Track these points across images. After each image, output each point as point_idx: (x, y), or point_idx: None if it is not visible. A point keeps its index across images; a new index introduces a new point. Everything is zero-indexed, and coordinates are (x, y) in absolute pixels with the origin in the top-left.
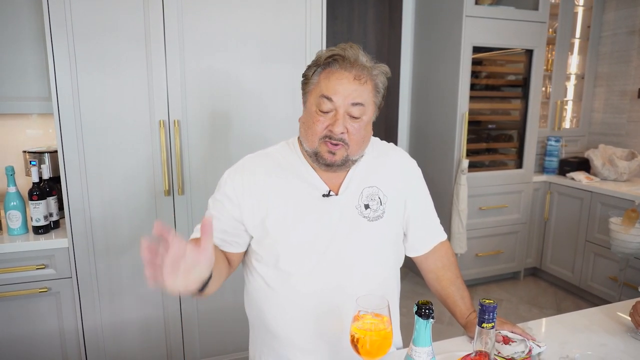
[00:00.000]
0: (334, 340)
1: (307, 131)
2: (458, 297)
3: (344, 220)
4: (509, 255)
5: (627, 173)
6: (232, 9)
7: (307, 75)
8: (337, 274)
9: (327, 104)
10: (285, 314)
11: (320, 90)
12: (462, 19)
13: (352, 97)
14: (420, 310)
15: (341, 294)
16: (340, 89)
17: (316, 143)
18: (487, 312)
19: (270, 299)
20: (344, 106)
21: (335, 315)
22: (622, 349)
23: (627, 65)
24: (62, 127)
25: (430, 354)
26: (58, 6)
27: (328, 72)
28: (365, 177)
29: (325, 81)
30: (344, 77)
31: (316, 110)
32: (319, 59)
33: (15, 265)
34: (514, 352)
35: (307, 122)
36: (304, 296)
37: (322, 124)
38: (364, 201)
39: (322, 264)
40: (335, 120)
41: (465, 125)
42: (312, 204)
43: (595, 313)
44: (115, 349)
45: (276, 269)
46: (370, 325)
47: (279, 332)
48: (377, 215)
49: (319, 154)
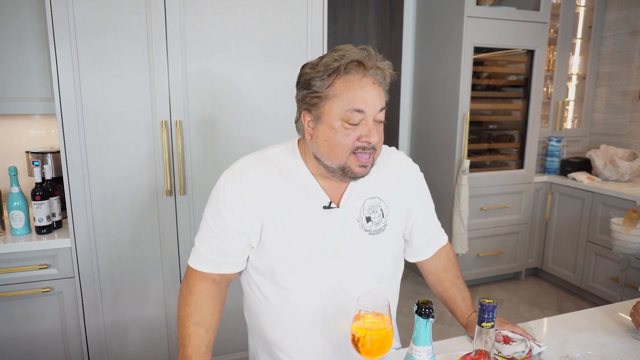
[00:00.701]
0: (334, 356)
1: (335, 147)
2: (459, 297)
3: (345, 234)
4: (510, 256)
5: (628, 173)
6: (234, 9)
7: (316, 87)
8: (336, 289)
9: (358, 116)
10: (284, 328)
11: (347, 102)
12: (463, 20)
13: (379, 103)
14: (420, 310)
15: (340, 310)
16: (368, 98)
17: (345, 157)
18: (486, 311)
19: (269, 314)
20: (373, 113)
21: (336, 331)
22: (622, 349)
23: (628, 65)
24: (64, 128)
25: (430, 352)
26: (61, 6)
27: (346, 81)
28: (366, 186)
29: (347, 92)
30: (367, 85)
31: (342, 124)
32: (330, 68)
33: (18, 265)
34: (514, 351)
35: (331, 137)
36: (303, 312)
37: (353, 137)
38: (365, 213)
39: (321, 279)
40: (369, 130)
41: (466, 126)
42: (312, 216)
43: (596, 313)
44: (118, 348)
45: (274, 283)
46: (371, 325)
47: (277, 343)
48: (379, 229)
49: (348, 169)
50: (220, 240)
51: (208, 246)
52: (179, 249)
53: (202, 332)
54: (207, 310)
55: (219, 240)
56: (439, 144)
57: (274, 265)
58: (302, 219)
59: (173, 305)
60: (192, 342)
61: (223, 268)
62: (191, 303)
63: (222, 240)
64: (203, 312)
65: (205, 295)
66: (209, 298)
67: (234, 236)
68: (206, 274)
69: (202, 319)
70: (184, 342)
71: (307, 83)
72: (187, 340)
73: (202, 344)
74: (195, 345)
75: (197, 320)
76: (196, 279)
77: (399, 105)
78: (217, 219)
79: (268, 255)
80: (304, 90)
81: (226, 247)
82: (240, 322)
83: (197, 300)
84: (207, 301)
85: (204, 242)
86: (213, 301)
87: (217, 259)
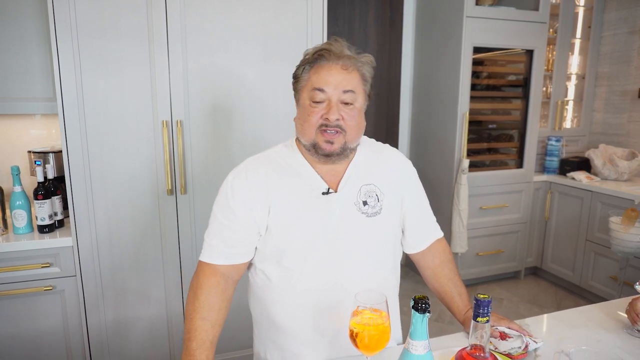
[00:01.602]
0: (335, 334)
1: (304, 125)
2: (455, 293)
3: (344, 217)
4: (509, 255)
5: (627, 173)
6: (234, 9)
7: (297, 74)
8: (338, 270)
9: (320, 95)
10: (289, 308)
11: (312, 84)
12: (462, 20)
13: (343, 85)
14: (417, 305)
15: (342, 289)
16: (330, 79)
17: (313, 134)
18: (481, 306)
19: (273, 295)
20: (336, 94)
21: (337, 310)
22: (618, 345)
23: (627, 65)
24: (66, 127)
25: (427, 347)
26: (62, 7)
27: (317, 68)
28: (362, 175)
29: (315, 76)
30: (333, 69)
31: (309, 103)
32: (306, 57)
33: (21, 263)
34: (510, 347)
35: (302, 116)
36: (307, 292)
37: (317, 115)
38: (362, 198)
39: (324, 260)
40: (329, 108)
41: (465, 125)
42: (312, 202)
43: (592, 310)
44: (119, 347)
45: (279, 267)
46: (369, 320)
47: (282, 325)
48: (375, 212)
49: (317, 145)
50: (231, 231)
51: (219, 239)
52: (180, 247)
53: (208, 327)
54: (214, 305)
55: (230, 232)
56: (438, 144)
57: (281, 249)
58: (303, 205)
59: (174, 304)
60: (197, 336)
61: (233, 259)
62: (200, 297)
63: (233, 230)
64: (211, 307)
65: (215, 290)
66: (218, 293)
67: (244, 226)
68: (217, 268)
69: (209, 314)
70: (190, 336)
71: (294, 75)
72: (193, 335)
73: (207, 339)
74: (200, 339)
75: (204, 315)
76: (207, 273)
77: (398, 105)
78: (227, 213)
79: (274, 240)
80: (293, 80)
81: (237, 237)
82: (243, 320)
83: (206, 294)
84: (216, 296)
85: (214, 236)
86: (221, 296)
87: (228, 250)
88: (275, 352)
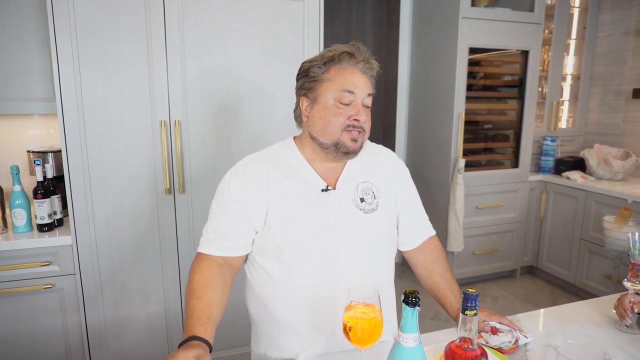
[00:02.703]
0: (332, 330)
1: (328, 124)
2: (448, 290)
3: (343, 213)
4: (505, 254)
5: (621, 172)
6: (232, 12)
7: (314, 73)
8: (337, 265)
9: (349, 97)
10: (288, 304)
11: (340, 84)
12: (458, 21)
13: (367, 89)
14: (407, 299)
15: (340, 285)
16: (358, 82)
17: (338, 133)
18: (469, 300)
19: (273, 290)
20: (362, 97)
21: (334, 306)
22: (606, 340)
23: (622, 65)
24: (65, 127)
25: (417, 339)
26: (62, 8)
27: (339, 69)
28: (359, 173)
29: (340, 77)
30: (356, 72)
31: (335, 104)
32: (326, 57)
33: (21, 262)
34: (501, 342)
35: (325, 116)
36: (306, 287)
37: (344, 115)
38: (359, 195)
39: (323, 255)
40: (357, 110)
41: (461, 125)
42: (311, 199)
43: (583, 306)
44: (118, 344)
45: (279, 262)
46: (362, 315)
47: (281, 321)
48: (372, 208)
49: (341, 144)
50: (226, 227)
51: (215, 233)
52: (178, 246)
53: (203, 305)
54: (209, 285)
55: (226, 227)
56: (434, 143)
57: (281, 245)
58: (302, 202)
59: (172, 302)
60: (194, 314)
61: (227, 251)
62: (195, 280)
63: (229, 226)
64: (205, 287)
65: (209, 273)
66: (212, 276)
67: (239, 223)
68: (212, 257)
69: (203, 294)
70: (187, 315)
71: (306, 71)
72: (190, 314)
73: (203, 315)
74: (196, 316)
75: (199, 295)
76: (203, 260)
77: (395, 105)
78: (224, 209)
79: (274, 237)
80: (303, 78)
81: (232, 232)
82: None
83: (200, 276)
84: (210, 278)
85: (212, 230)
86: (216, 278)
87: (223, 243)
88: (273, 349)
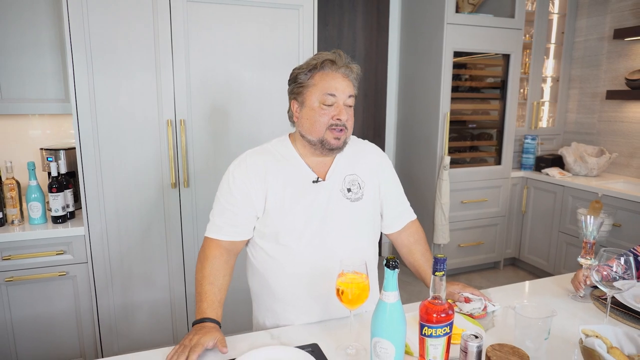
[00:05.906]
0: (326, 301)
1: (314, 124)
2: (427, 267)
3: (332, 201)
4: (489, 246)
5: (596, 169)
6: (233, 21)
7: (301, 79)
8: (327, 247)
9: (331, 99)
10: (285, 279)
11: (322, 89)
12: (443, 26)
13: (348, 91)
14: (388, 263)
15: (330, 262)
16: (339, 86)
17: (323, 132)
18: (438, 263)
19: (272, 266)
20: (343, 98)
21: (326, 279)
22: (561, 307)
23: (597, 68)
24: (79, 126)
25: (397, 297)
26: (77, 17)
27: (322, 74)
28: (346, 167)
29: (323, 82)
30: (338, 77)
31: (320, 106)
32: (311, 64)
33: (37, 251)
34: (472, 308)
35: (312, 116)
36: (301, 263)
37: (328, 116)
38: (346, 185)
39: (315, 238)
40: (339, 110)
41: (447, 125)
42: (304, 189)
43: (546, 282)
44: (127, 328)
45: (277, 244)
46: (352, 280)
47: (280, 294)
48: (358, 197)
49: (325, 141)
50: (231, 213)
51: (221, 218)
52: (183, 236)
53: (215, 290)
54: (220, 272)
55: (231, 213)
56: (422, 142)
57: (277, 229)
58: (296, 191)
59: (178, 289)
60: (207, 298)
61: (234, 236)
62: (207, 266)
63: (233, 212)
64: (216, 274)
65: (219, 260)
66: (222, 262)
67: (242, 208)
68: (220, 242)
69: (215, 280)
70: (200, 298)
71: (295, 78)
72: (203, 297)
73: (215, 300)
74: (209, 300)
75: (211, 281)
76: (212, 246)
77: (385, 105)
78: (228, 197)
79: (272, 222)
80: (292, 84)
81: (236, 218)
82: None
83: (212, 264)
84: (220, 265)
85: (218, 216)
86: (225, 265)
87: (229, 229)
88: (273, 319)
